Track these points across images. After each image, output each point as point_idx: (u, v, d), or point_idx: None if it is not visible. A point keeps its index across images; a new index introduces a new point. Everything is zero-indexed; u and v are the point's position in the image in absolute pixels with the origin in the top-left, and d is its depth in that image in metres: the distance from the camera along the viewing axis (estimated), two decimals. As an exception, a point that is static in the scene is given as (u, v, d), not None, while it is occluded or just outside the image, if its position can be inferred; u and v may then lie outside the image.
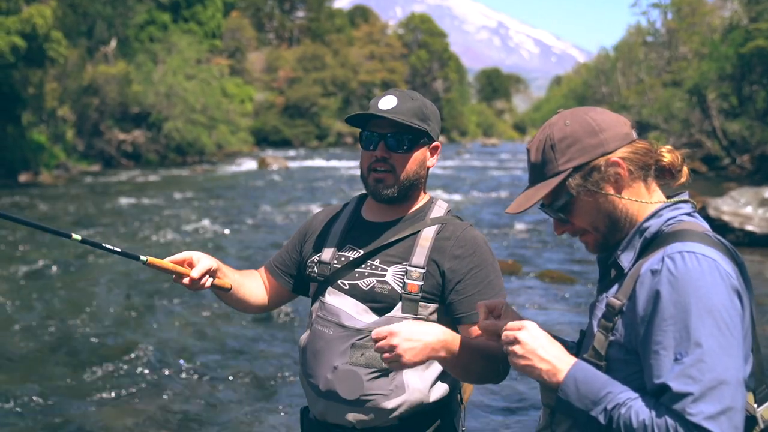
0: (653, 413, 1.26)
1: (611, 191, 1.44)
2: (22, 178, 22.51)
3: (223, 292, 1.99)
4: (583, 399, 1.33)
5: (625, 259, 1.45)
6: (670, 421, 1.24)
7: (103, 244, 1.76)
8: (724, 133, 26.68)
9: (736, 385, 1.25)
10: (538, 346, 1.38)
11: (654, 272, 1.33)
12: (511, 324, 1.43)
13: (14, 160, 22.47)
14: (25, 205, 16.51)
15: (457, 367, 1.64)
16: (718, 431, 1.22)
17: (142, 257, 1.76)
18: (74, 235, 1.70)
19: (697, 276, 1.29)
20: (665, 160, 1.48)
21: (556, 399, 1.37)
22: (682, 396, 1.24)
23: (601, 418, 1.30)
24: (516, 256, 10.31)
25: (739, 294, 1.33)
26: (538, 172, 1.49)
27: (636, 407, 1.28)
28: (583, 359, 1.44)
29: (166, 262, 1.81)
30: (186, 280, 1.84)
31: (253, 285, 2.10)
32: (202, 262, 1.86)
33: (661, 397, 1.27)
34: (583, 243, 1.54)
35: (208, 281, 1.88)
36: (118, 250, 1.77)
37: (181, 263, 1.85)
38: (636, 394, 1.30)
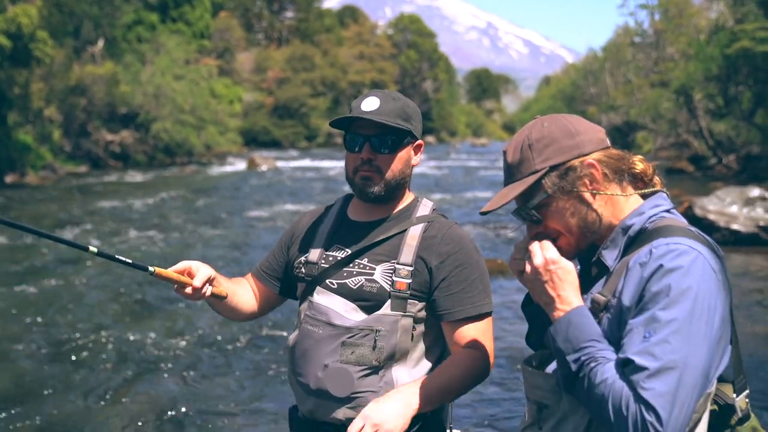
0: (616, 377, 1.30)
1: (585, 192, 1.47)
2: (9, 179, 22.36)
3: (217, 301, 1.99)
4: (566, 342, 1.37)
5: (609, 256, 1.47)
6: (625, 390, 1.27)
7: (116, 256, 1.79)
8: (711, 133, 26.89)
9: (694, 373, 1.27)
10: (549, 279, 1.43)
11: (642, 265, 1.36)
12: (541, 244, 1.47)
13: (0, 160, 22.32)
14: (11, 207, 16.40)
15: (445, 398, 1.86)
16: (661, 411, 1.24)
17: (150, 268, 1.78)
18: (91, 248, 1.73)
19: (684, 268, 1.32)
20: (638, 168, 1.51)
21: (546, 333, 1.42)
22: (639, 369, 1.27)
23: (573, 365, 1.35)
24: (505, 256, 10.36)
25: (722, 287, 1.36)
26: (514, 171, 1.52)
27: (606, 367, 1.32)
28: None
29: (172, 273, 1.83)
30: (189, 290, 1.85)
31: (243, 292, 2.11)
32: (202, 271, 1.88)
33: (623, 368, 1.31)
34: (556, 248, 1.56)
35: (208, 290, 1.90)
36: (129, 261, 1.79)
37: (182, 273, 1.86)
38: (613, 357, 1.33)
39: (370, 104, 1.90)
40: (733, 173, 23.96)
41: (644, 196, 1.51)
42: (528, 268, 1.46)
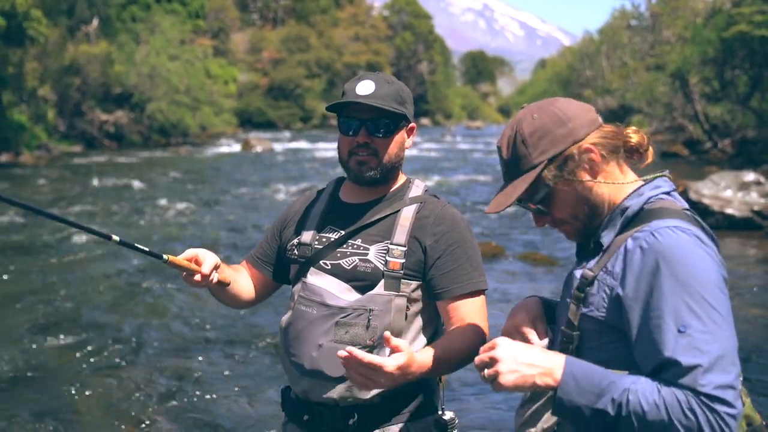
0: (662, 391, 1.26)
1: (586, 177, 1.46)
2: (3, 158, 22.26)
3: (220, 289, 2.01)
4: (585, 393, 1.29)
5: (606, 236, 1.47)
6: (680, 396, 1.24)
7: (135, 245, 1.81)
8: (706, 117, 26.87)
9: (734, 356, 1.28)
10: (519, 354, 1.33)
11: (636, 248, 1.35)
12: (481, 348, 1.38)
13: (-6, 140, 22.21)
14: (5, 187, 16.34)
15: (439, 369, 1.78)
16: (730, 399, 1.24)
17: (164, 256, 1.80)
18: (114, 237, 1.75)
19: (685, 251, 1.32)
20: (633, 140, 1.50)
21: (554, 400, 1.33)
22: (691, 369, 1.25)
23: (610, 409, 1.27)
24: (499, 239, 10.39)
25: (720, 269, 1.36)
26: (512, 168, 1.51)
27: (642, 390, 1.27)
28: (560, 331, 1.47)
29: (184, 261, 1.84)
30: (197, 277, 1.85)
31: (242, 279, 2.12)
32: (208, 258, 1.88)
33: (664, 372, 1.28)
34: (562, 233, 1.55)
35: (215, 277, 1.90)
36: (146, 249, 1.82)
37: (190, 261, 1.86)
38: (636, 377, 1.29)
39: (365, 88, 1.90)
40: (728, 157, 23.98)
41: (646, 177, 1.51)
42: (501, 366, 1.32)
